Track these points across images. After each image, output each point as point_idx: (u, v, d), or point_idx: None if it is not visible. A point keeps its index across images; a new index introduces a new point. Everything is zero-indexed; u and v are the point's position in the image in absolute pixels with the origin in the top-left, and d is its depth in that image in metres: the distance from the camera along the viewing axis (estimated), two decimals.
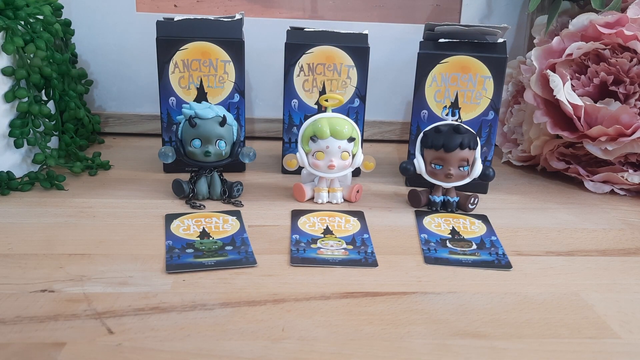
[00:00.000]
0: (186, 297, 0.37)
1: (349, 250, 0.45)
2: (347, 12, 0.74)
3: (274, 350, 0.32)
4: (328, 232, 0.48)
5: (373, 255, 0.44)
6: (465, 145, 0.51)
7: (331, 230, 0.49)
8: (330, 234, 0.48)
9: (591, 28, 0.59)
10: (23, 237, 0.46)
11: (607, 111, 0.57)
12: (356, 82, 0.59)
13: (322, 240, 0.47)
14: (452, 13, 0.75)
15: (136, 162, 0.65)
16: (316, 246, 0.46)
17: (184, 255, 0.43)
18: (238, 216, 0.51)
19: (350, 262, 0.43)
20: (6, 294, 0.37)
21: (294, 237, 0.47)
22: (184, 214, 0.51)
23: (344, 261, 0.43)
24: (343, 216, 0.52)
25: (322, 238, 0.47)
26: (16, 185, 0.55)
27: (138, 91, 0.75)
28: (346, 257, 0.44)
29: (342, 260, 0.43)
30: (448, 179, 0.52)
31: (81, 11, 0.71)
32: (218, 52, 0.58)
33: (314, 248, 0.45)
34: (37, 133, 0.57)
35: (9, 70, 0.54)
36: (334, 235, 0.48)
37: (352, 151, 0.53)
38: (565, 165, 0.63)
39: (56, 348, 0.32)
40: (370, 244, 0.46)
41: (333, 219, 0.51)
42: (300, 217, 0.51)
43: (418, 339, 0.34)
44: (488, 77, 0.57)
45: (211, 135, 0.51)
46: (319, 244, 0.46)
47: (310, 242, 0.46)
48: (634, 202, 0.59)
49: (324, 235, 0.48)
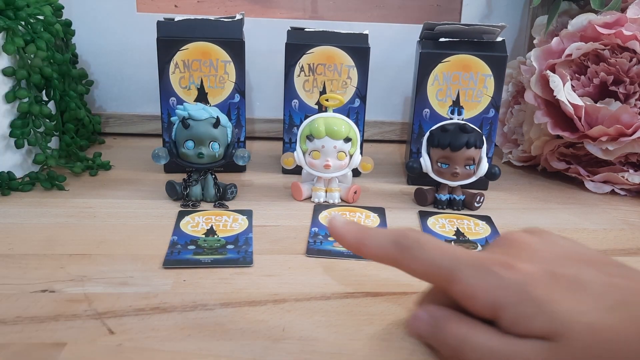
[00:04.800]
0: (187, 297, 0.38)
1: None
2: (347, 12, 0.74)
3: (274, 350, 0.32)
4: None
5: None
6: (472, 144, 0.51)
7: None
8: None
9: (590, 28, 0.59)
10: (23, 237, 0.46)
11: (607, 111, 0.57)
12: (356, 83, 0.59)
13: None
14: (452, 13, 0.75)
15: (136, 162, 0.65)
16: (333, 239, 0.46)
17: (185, 252, 0.43)
18: (249, 215, 0.51)
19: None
20: (6, 294, 0.37)
21: (313, 230, 0.48)
22: (197, 210, 0.52)
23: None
24: (364, 212, 0.53)
25: None
26: (17, 185, 0.55)
27: (138, 91, 0.75)
28: None
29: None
30: (454, 177, 0.52)
31: (82, 11, 0.71)
32: (218, 53, 0.58)
33: (330, 241, 0.46)
34: (37, 133, 0.57)
35: (10, 70, 0.54)
36: None
37: (350, 152, 0.54)
38: (565, 165, 0.63)
39: (57, 348, 0.32)
40: None
41: (354, 214, 0.52)
42: (323, 212, 0.52)
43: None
44: (489, 75, 0.57)
45: (204, 137, 0.51)
46: None
47: (328, 235, 0.47)
48: (634, 202, 0.59)
49: None
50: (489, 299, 0.28)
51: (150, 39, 0.59)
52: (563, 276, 0.28)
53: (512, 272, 0.29)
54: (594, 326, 0.26)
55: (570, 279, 0.28)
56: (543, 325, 0.27)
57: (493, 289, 0.28)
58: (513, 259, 0.30)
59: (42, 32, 0.56)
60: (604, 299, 0.27)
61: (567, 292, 0.27)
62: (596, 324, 0.26)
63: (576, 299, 0.27)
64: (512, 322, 0.28)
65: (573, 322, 0.26)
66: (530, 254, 0.31)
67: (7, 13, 0.54)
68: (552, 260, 0.30)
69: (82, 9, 0.71)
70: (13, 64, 0.55)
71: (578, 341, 0.26)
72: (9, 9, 0.54)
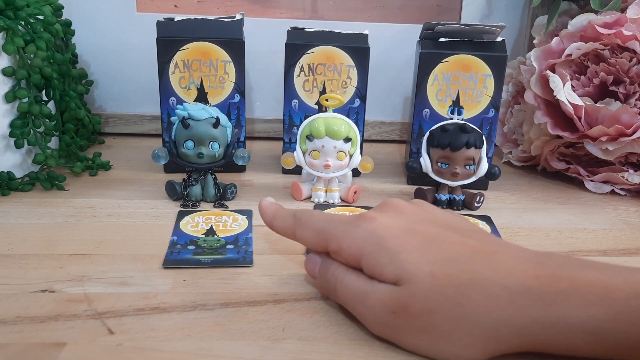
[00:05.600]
0: (187, 297, 0.38)
1: None
2: (347, 12, 0.74)
3: (274, 350, 0.32)
4: None
5: None
6: (472, 144, 0.51)
7: None
8: None
9: (590, 28, 0.59)
10: (23, 237, 0.46)
11: (607, 111, 0.57)
12: (356, 82, 0.59)
13: None
14: (452, 13, 0.75)
15: (136, 162, 0.65)
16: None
17: (184, 252, 0.43)
18: (249, 215, 0.51)
19: None
20: (6, 294, 0.37)
21: None
22: (196, 211, 0.51)
23: None
24: (364, 212, 0.53)
25: None
26: (17, 185, 0.55)
27: (138, 91, 0.75)
28: None
29: None
30: (454, 177, 0.52)
31: (81, 11, 0.71)
32: (218, 53, 0.58)
33: None
34: (37, 133, 0.57)
35: (10, 70, 0.54)
36: None
37: (349, 152, 0.54)
38: (565, 165, 0.63)
39: (57, 348, 0.32)
40: None
41: (354, 214, 0.52)
42: (326, 210, 0.53)
43: None
44: (489, 75, 0.57)
45: (204, 137, 0.51)
46: None
47: None
48: (634, 202, 0.59)
49: None
50: (351, 248, 0.33)
51: (150, 39, 0.59)
52: (419, 232, 0.33)
53: (372, 224, 0.34)
54: (434, 274, 0.30)
55: (425, 234, 0.33)
56: (392, 272, 0.31)
57: (355, 239, 0.33)
58: (379, 214, 0.35)
59: (42, 32, 0.56)
60: (449, 253, 0.31)
61: (419, 245, 0.32)
62: (436, 272, 0.30)
63: (425, 251, 0.31)
64: (370, 269, 0.32)
65: (417, 270, 0.31)
66: (398, 213, 0.35)
67: (7, 13, 0.54)
68: (415, 220, 0.35)
69: (82, 9, 0.71)
70: (13, 64, 0.55)
71: (419, 285, 0.30)
72: (9, 9, 0.54)
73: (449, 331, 0.30)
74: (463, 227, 0.35)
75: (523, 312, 0.28)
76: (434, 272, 0.30)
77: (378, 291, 0.32)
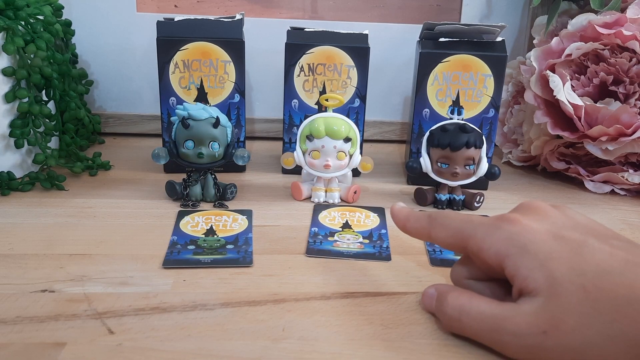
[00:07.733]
0: (187, 297, 0.38)
1: (364, 244, 0.46)
2: (347, 12, 0.74)
3: (274, 350, 0.32)
4: (347, 226, 0.50)
5: (388, 250, 0.45)
6: (472, 144, 0.51)
7: (350, 225, 0.50)
8: (349, 228, 0.49)
9: (590, 28, 0.59)
10: (23, 237, 0.46)
11: (607, 111, 0.57)
12: (356, 82, 0.59)
13: (340, 233, 0.48)
14: (452, 13, 0.75)
15: (136, 162, 0.65)
16: (333, 239, 0.47)
17: (184, 252, 0.43)
18: (249, 215, 0.51)
19: (364, 255, 0.44)
20: (6, 294, 0.37)
21: (313, 230, 0.48)
22: (196, 210, 0.51)
23: (358, 254, 0.44)
24: (364, 211, 0.53)
25: (340, 232, 0.48)
26: (17, 185, 0.55)
27: (138, 91, 0.75)
28: (361, 250, 0.45)
29: (356, 253, 0.44)
30: (454, 177, 0.52)
31: (82, 11, 0.71)
32: (218, 53, 0.58)
33: (330, 241, 0.47)
34: (37, 133, 0.57)
35: (10, 70, 0.54)
36: (352, 229, 0.49)
37: (349, 152, 0.54)
38: (565, 165, 0.63)
39: (57, 348, 0.32)
40: (387, 239, 0.47)
41: (353, 214, 0.52)
42: (322, 211, 0.52)
43: (418, 339, 0.34)
44: (489, 75, 0.57)
45: (204, 137, 0.51)
46: (336, 237, 0.47)
47: (328, 235, 0.47)
48: (634, 202, 0.59)
49: (342, 229, 0.49)
50: (493, 249, 0.32)
51: (150, 39, 0.59)
52: (566, 239, 0.31)
53: (516, 226, 0.32)
54: (586, 287, 0.28)
55: (573, 242, 0.30)
56: (542, 278, 0.29)
57: (499, 240, 0.32)
58: (521, 216, 0.33)
59: (42, 32, 0.56)
60: (600, 264, 0.29)
61: (568, 253, 0.30)
62: (588, 285, 0.28)
63: (575, 260, 0.29)
64: (513, 271, 0.30)
65: (568, 282, 0.28)
66: (541, 216, 0.33)
67: (7, 13, 0.54)
68: (561, 225, 0.32)
69: (82, 9, 0.71)
70: (13, 63, 0.55)
71: (571, 299, 0.28)
72: (9, 9, 0.54)
73: (603, 348, 0.28)
74: (607, 235, 0.32)
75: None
76: (586, 285, 0.28)
77: (522, 311, 0.29)
